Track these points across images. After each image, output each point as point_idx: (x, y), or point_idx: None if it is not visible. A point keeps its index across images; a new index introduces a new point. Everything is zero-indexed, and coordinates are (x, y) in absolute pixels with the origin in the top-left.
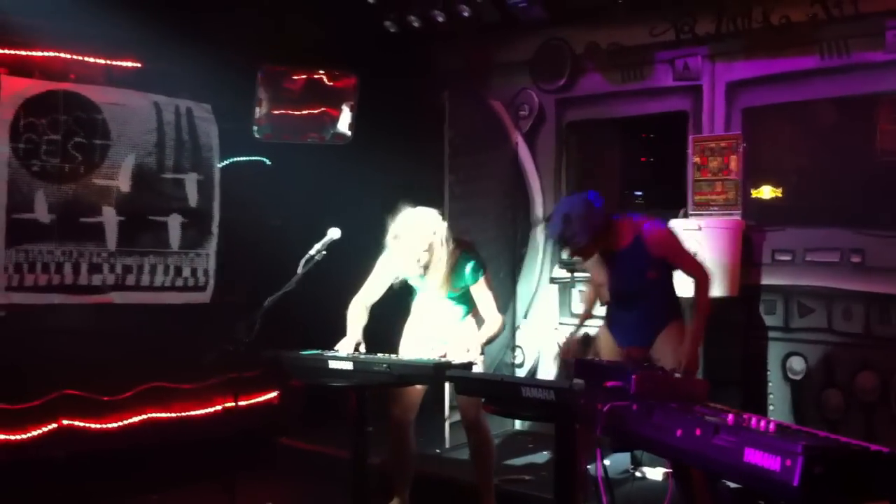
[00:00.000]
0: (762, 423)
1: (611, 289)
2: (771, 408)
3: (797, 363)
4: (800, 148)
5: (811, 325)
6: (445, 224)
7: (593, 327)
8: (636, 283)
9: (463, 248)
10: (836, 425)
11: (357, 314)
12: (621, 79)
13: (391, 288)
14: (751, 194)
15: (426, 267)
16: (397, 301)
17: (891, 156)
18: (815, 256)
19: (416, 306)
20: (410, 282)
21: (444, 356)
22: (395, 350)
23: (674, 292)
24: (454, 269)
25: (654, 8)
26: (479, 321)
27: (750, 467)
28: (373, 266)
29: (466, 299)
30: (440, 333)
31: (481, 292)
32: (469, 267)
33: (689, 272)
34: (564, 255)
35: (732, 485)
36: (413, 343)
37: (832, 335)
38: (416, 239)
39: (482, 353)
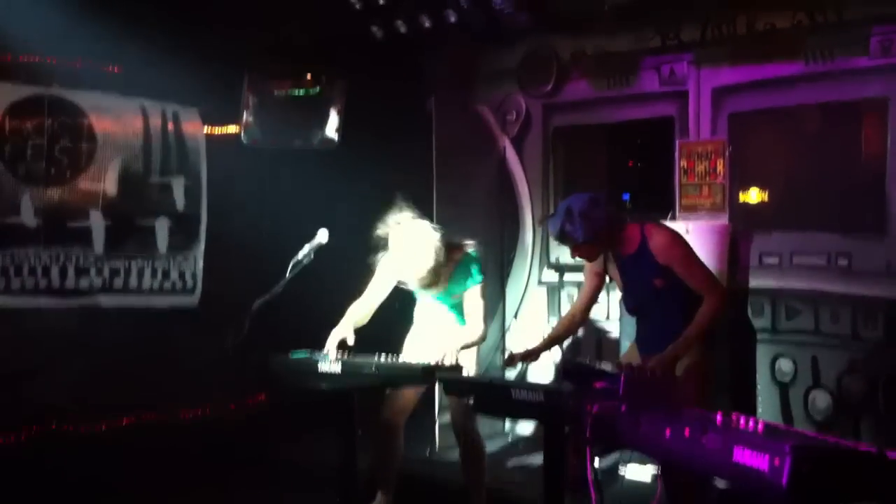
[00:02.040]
0: (750, 424)
1: (625, 299)
2: (759, 410)
3: (785, 365)
4: (785, 152)
5: (799, 327)
6: (439, 234)
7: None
8: (644, 292)
9: (463, 251)
10: (823, 427)
11: (355, 313)
12: (608, 85)
13: (394, 292)
14: (738, 198)
15: (426, 279)
16: (398, 305)
17: (876, 160)
18: (801, 260)
19: (419, 314)
20: (411, 287)
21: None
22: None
23: (691, 302)
24: (455, 273)
25: (640, 15)
26: None
27: (738, 467)
28: (361, 269)
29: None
30: (434, 337)
31: (474, 298)
32: (473, 270)
33: (697, 288)
34: (557, 255)
35: (721, 485)
36: (411, 348)
37: (819, 337)
38: (416, 257)
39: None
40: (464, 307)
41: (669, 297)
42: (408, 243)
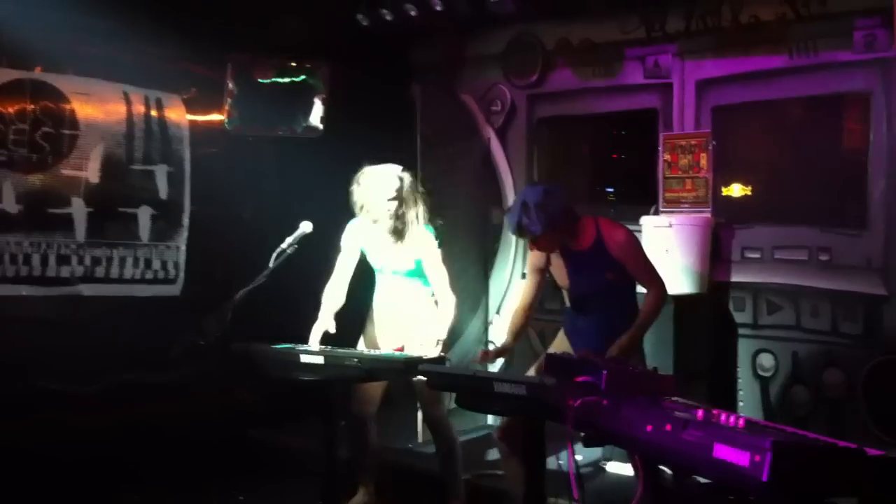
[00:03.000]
0: (731, 419)
1: (570, 291)
2: (741, 404)
3: (766, 360)
4: (769, 146)
5: (780, 322)
6: (409, 175)
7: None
8: (595, 284)
9: (427, 217)
10: (804, 422)
11: (329, 298)
12: (592, 75)
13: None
14: (721, 192)
15: (396, 218)
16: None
17: (858, 155)
18: (783, 254)
19: (377, 289)
20: (368, 256)
21: (401, 349)
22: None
23: (634, 302)
24: (414, 231)
25: (625, 5)
26: None
27: (719, 463)
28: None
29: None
30: (407, 317)
31: (435, 267)
32: (427, 232)
33: (645, 282)
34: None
35: (703, 480)
36: (375, 328)
37: (800, 332)
38: (383, 184)
39: (441, 346)
40: (428, 279)
41: (615, 291)
42: (373, 175)
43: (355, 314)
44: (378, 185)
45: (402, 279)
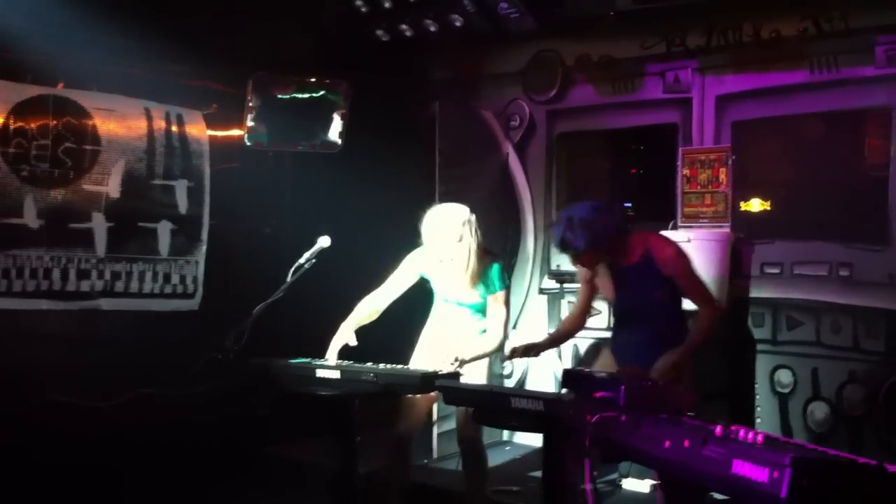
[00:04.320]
0: (750, 435)
1: (616, 308)
2: (758, 420)
3: (785, 376)
4: (789, 161)
5: (799, 338)
6: (475, 217)
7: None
8: (642, 301)
9: (492, 256)
10: (823, 439)
11: (364, 309)
12: (612, 90)
13: (410, 290)
14: (740, 207)
15: (463, 259)
16: (411, 311)
17: (879, 170)
18: (803, 270)
19: (435, 312)
20: (433, 283)
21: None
22: (408, 357)
23: (683, 318)
24: (481, 272)
25: (645, 21)
26: None
27: (737, 479)
28: (363, 274)
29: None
30: (454, 344)
31: (497, 305)
32: (496, 271)
33: (695, 300)
34: (558, 262)
35: (720, 497)
36: (425, 351)
37: (820, 348)
38: (449, 225)
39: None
40: (487, 314)
41: (663, 308)
42: (439, 214)
43: (380, 332)
44: (443, 230)
45: (466, 310)
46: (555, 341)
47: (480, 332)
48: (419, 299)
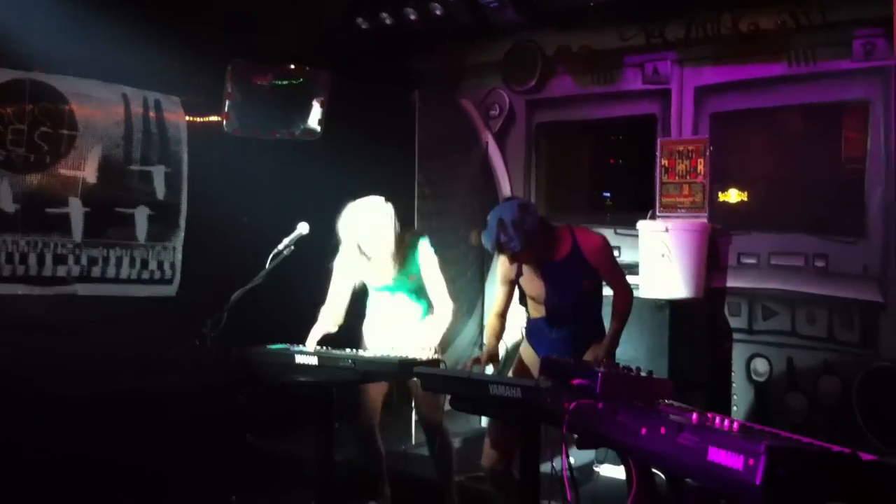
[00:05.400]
0: (726, 423)
1: (546, 302)
2: (735, 409)
3: (761, 365)
4: (766, 153)
5: (775, 327)
6: (389, 204)
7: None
8: (572, 293)
9: (414, 232)
10: (798, 427)
11: (328, 316)
12: (591, 81)
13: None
14: (718, 198)
15: (391, 250)
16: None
17: (855, 163)
18: (779, 260)
19: (372, 306)
20: (365, 279)
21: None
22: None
23: (601, 315)
24: (408, 251)
25: (624, 12)
26: None
27: (713, 466)
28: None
29: (424, 295)
30: (399, 332)
31: (433, 275)
32: (421, 244)
33: (615, 285)
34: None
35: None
36: (372, 344)
37: (796, 338)
38: (363, 217)
39: (442, 352)
40: (426, 285)
41: (587, 299)
42: (365, 214)
43: (358, 319)
44: (357, 223)
45: (402, 295)
46: (499, 339)
47: (421, 317)
48: None
